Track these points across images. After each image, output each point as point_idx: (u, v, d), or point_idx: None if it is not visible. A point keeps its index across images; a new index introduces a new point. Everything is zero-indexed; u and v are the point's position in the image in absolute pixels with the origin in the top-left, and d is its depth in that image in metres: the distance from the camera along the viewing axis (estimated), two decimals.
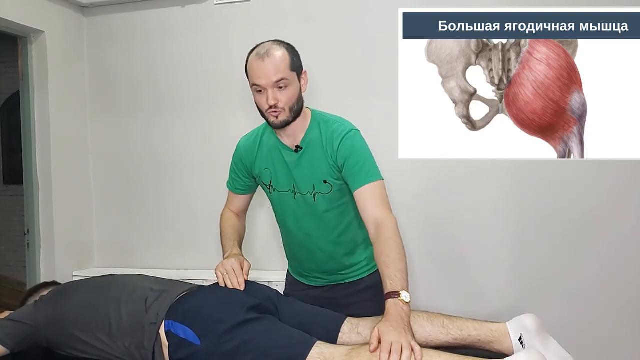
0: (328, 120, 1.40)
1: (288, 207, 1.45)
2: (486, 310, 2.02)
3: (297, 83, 1.34)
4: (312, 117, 1.41)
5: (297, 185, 1.40)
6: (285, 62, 1.29)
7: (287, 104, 1.31)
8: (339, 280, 1.50)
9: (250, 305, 1.23)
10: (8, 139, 3.86)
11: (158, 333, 1.22)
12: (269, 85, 1.29)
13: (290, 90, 1.31)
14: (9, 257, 3.84)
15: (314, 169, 1.38)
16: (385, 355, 1.02)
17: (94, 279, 1.47)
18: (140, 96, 2.53)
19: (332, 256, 1.46)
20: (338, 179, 1.38)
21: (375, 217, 1.28)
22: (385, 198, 1.33)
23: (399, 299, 1.12)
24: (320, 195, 1.39)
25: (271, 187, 1.46)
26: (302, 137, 1.39)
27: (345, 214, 1.43)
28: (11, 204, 3.83)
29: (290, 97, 1.31)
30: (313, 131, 1.39)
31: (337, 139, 1.35)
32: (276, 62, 1.28)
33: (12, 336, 1.29)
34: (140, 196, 2.56)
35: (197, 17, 2.42)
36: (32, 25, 2.29)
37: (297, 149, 1.39)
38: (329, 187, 1.38)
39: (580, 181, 2.02)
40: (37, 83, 2.38)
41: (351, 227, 1.45)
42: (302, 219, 1.44)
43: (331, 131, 1.37)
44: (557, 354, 1.18)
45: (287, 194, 1.43)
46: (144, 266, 2.47)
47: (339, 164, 1.35)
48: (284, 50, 1.31)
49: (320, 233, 1.43)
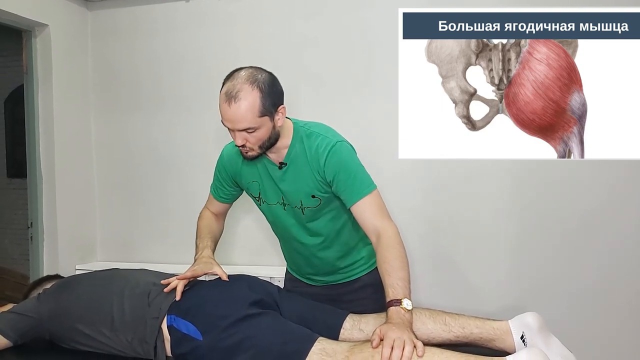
0: (311, 133, 1.33)
1: (278, 218, 1.43)
2: (487, 309, 2.02)
3: (269, 124, 1.25)
4: (294, 131, 1.34)
5: (286, 198, 1.38)
6: (254, 110, 1.20)
7: (256, 144, 1.26)
8: (337, 280, 1.49)
9: (252, 301, 1.23)
10: (12, 132, 3.87)
11: (160, 328, 1.22)
12: (235, 129, 1.24)
13: (260, 133, 1.24)
14: (12, 250, 3.86)
15: (300, 184, 1.34)
16: (387, 350, 1.02)
17: (97, 273, 1.47)
18: (144, 91, 2.54)
19: (327, 260, 1.45)
20: (326, 192, 1.34)
21: (375, 227, 1.26)
22: (382, 207, 1.30)
23: (401, 306, 1.12)
24: (308, 209, 1.36)
25: (260, 199, 1.43)
26: (285, 153, 1.34)
27: (337, 218, 1.41)
28: (15, 197, 3.84)
29: (259, 139, 1.25)
30: (296, 146, 1.33)
31: (323, 155, 1.29)
32: (242, 111, 1.19)
33: (15, 329, 1.30)
34: (143, 191, 2.57)
35: (201, 12, 2.42)
36: (36, 18, 2.30)
37: (281, 165, 1.35)
38: (318, 200, 1.35)
39: (580, 181, 2.03)
40: (41, 77, 2.39)
41: (344, 231, 1.43)
42: (293, 229, 1.42)
43: (315, 146, 1.31)
44: (559, 352, 1.17)
45: (276, 206, 1.41)
46: (146, 261, 2.48)
47: (327, 180, 1.31)
48: (253, 96, 1.20)
49: (312, 241, 1.42)
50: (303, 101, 2.19)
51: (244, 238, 2.40)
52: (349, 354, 1.08)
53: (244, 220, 2.37)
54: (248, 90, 1.20)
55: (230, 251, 2.38)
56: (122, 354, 1.26)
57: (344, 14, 2.22)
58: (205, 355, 1.17)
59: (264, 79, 1.23)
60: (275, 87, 1.26)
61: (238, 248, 2.40)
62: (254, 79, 1.22)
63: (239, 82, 1.21)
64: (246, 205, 2.29)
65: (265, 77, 1.24)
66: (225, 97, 1.21)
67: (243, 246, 2.41)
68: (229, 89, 1.21)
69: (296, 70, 2.22)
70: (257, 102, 1.20)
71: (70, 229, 2.46)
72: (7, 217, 3.91)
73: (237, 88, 1.20)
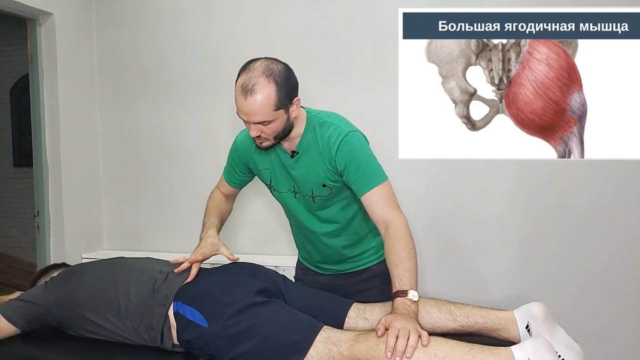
0: (324, 123, 1.34)
1: (289, 206, 1.45)
2: (492, 299, 2.02)
3: (284, 116, 1.26)
4: (307, 120, 1.35)
5: (297, 186, 1.39)
6: (269, 104, 1.21)
7: (271, 135, 1.27)
8: (347, 269, 1.50)
9: (257, 289, 1.24)
10: (18, 122, 3.86)
11: (167, 314, 1.24)
12: (250, 122, 1.25)
13: (275, 125, 1.26)
14: (19, 239, 3.89)
15: (312, 173, 1.35)
16: (392, 339, 1.02)
17: (103, 261, 1.49)
18: (149, 80, 2.54)
19: (338, 249, 1.46)
20: (337, 181, 1.35)
21: (384, 218, 1.26)
22: (392, 198, 1.30)
23: (407, 297, 1.12)
24: (319, 198, 1.38)
25: (271, 187, 1.45)
26: (297, 142, 1.35)
27: (348, 207, 1.42)
28: (21, 186, 3.86)
29: (274, 130, 1.27)
30: (308, 135, 1.34)
31: (335, 144, 1.30)
32: (257, 106, 1.20)
33: (23, 316, 1.33)
34: (148, 180, 2.59)
35: (207, 0, 2.41)
36: (40, 7, 2.29)
37: (293, 154, 1.36)
38: (328, 189, 1.36)
39: (580, 181, 2.03)
40: (46, 66, 2.39)
41: (355, 220, 1.44)
42: (304, 217, 1.44)
43: (327, 135, 1.32)
44: (564, 342, 1.17)
45: (287, 194, 1.43)
46: (152, 249, 2.51)
47: (338, 170, 1.32)
48: (269, 89, 1.20)
49: (323, 229, 1.43)
50: (303, 100, 2.19)
51: (250, 227, 2.41)
52: (353, 343, 1.08)
53: (250, 208, 2.39)
54: (264, 84, 1.20)
55: (236, 239, 2.40)
56: (129, 341, 1.29)
57: (343, 14, 2.21)
58: (211, 342, 1.18)
59: (279, 72, 1.23)
60: (290, 79, 1.26)
61: (244, 237, 2.42)
62: (270, 72, 1.21)
63: (254, 75, 1.21)
64: (250, 196, 2.34)
65: (280, 69, 1.24)
66: (241, 90, 1.21)
67: (250, 235, 2.42)
68: (244, 81, 1.21)
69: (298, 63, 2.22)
70: (273, 96, 1.21)
71: (77, 217, 2.49)
72: (14, 205, 3.93)
73: (253, 81, 1.20)
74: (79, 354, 1.29)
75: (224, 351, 1.17)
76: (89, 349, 1.30)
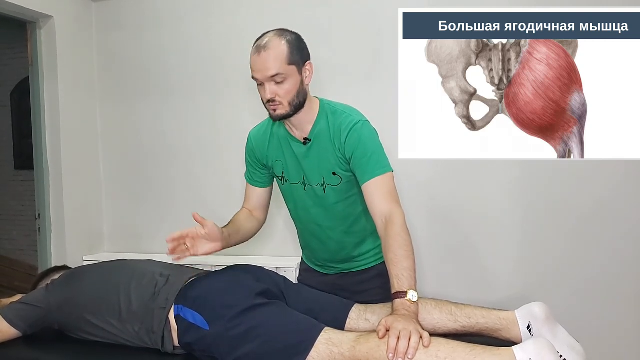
0: (336, 111, 1.37)
1: (299, 199, 1.45)
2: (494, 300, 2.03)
3: (297, 76, 1.30)
4: (320, 108, 1.38)
5: (307, 177, 1.40)
6: (282, 57, 1.26)
7: (286, 98, 1.29)
8: (351, 268, 1.50)
9: (258, 291, 1.24)
10: (19, 124, 3.87)
11: (167, 317, 1.24)
12: (264, 79, 1.27)
13: (289, 84, 1.28)
14: (21, 241, 3.90)
15: (323, 161, 1.36)
16: (394, 340, 1.02)
17: (104, 264, 1.49)
18: (150, 82, 2.55)
19: (343, 246, 1.46)
20: (347, 170, 1.36)
21: (382, 211, 1.26)
22: (393, 191, 1.30)
23: (406, 299, 1.12)
24: (330, 187, 1.38)
25: (283, 178, 1.45)
26: (310, 128, 1.37)
27: (355, 205, 1.42)
28: (22, 189, 3.87)
29: (288, 91, 1.28)
30: (321, 122, 1.36)
31: (345, 131, 1.32)
32: (272, 57, 1.25)
33: (24, 319, 1.33)
34: (149, 182, 2.59)
35: (207, 1, 2.42)
36: (40, 10, 2.31)
37: (305, 141, 1.37)
38: (339, 178, 1.37)
39: (580, 181, 2.03)
40: (47, 68, 2.41)
41: (361, 218, 1.44)
42: (312, 211, 1.44)
43: (339, 122, 1.34)
44: (566, 342, 1.17)
45: (297, 185, 1.43)
46: (153, 251, 2.50)
47: (347, 156, 1.33)
48: (284, 43, 1.27)
49: (330, 224, 1.43)
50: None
51: None
52: (355, 344, 1.08)
53: None
54: (277, 41, 1.27)
55: None
56: (130, 343, 1.29)
57: (344, 14, 2.21)
58: (212, 344, 1.18)
59: (291, 35, 1.32)
60: (302, 43, 1.34)
61: None
62: (283, 34, 1.30)
63: (268, 36, 1.29)
64: None
65: (293, 34, 1.33)
66: (255, 49, 1.28)
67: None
68: (260, 41, 1.29)
69: None
70: (286, 50, 1.27)
71: (78, 220, 2.49)
72: (15, 208, 3.94)
73: (267, 38, 1.28)
74: (80, 356, 1.29)
75: (225, 353, 1.17)
76: (90, 352, 1.30)
